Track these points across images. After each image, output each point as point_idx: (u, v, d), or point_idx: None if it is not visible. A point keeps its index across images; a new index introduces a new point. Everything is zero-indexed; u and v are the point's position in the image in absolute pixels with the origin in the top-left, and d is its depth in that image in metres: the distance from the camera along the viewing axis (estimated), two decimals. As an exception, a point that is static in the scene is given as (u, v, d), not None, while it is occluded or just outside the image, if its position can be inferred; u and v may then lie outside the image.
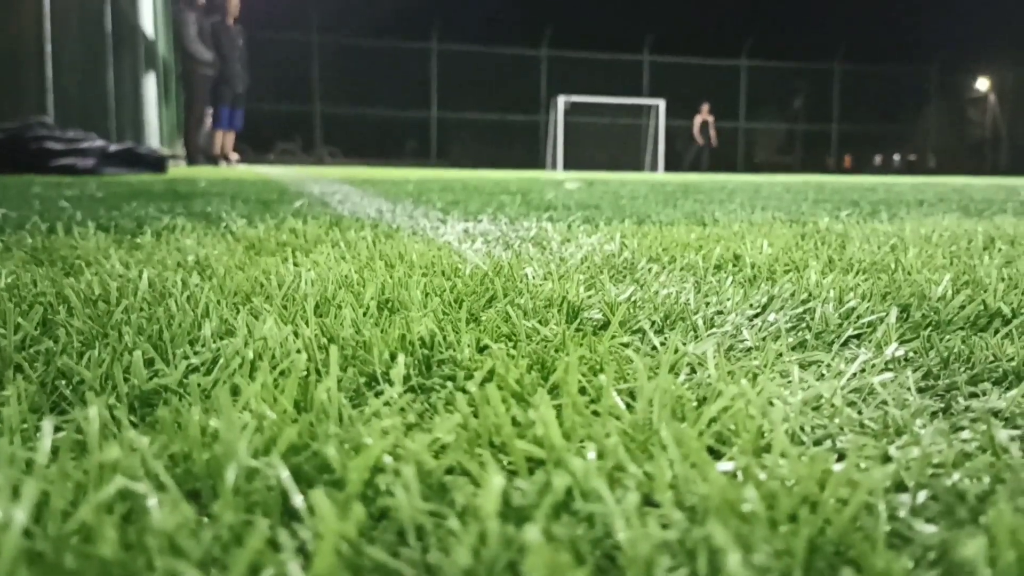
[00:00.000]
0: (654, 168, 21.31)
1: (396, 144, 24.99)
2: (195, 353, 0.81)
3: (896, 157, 29.17)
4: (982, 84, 27.96)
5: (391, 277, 1.25)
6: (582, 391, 0.70)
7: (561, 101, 20.88)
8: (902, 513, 0.49)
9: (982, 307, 1.09)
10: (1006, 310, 1.08)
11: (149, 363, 0.78)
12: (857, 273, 1.42)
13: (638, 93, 24.31)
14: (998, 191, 6.14)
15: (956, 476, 0.53)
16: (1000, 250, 1.81)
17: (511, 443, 0.54)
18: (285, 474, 0.49)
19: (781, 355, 0.87)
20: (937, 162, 27.65)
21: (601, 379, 0.69)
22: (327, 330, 0.90)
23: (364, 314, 0.99)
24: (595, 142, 22.94)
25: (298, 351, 0.79)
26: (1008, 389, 0.75)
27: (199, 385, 0.70)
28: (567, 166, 20.21)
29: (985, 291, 1.19)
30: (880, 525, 0.47)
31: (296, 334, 0.86)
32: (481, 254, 1.65)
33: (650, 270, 1.45)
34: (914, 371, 0.80)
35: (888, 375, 0.77)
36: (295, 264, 1.42)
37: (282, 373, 0.72)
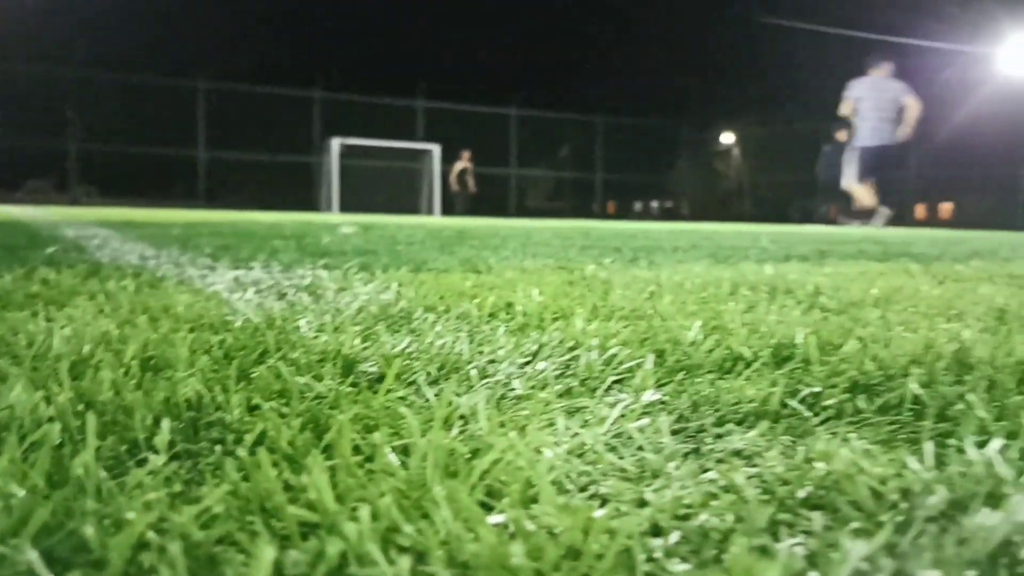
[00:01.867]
0: (430, 212, 21.58)
1: (161, 184, 23.77)
2: (-72, 425, 0.74)
3: (654, 204, 31.30)
4: (727, 139, 30.60)
5: (155, 332, 1.20)
6: (356, 450, 0.71)
7: (335, 143, 20.75)
8: (657, 555, 0.53)
9: (728, 351, 1.19)
10: (748, 354, 1.18)
11: None
12: (619, 320, 1.51)
13: (413, 137, 24.57)
14: (743, 238, 6.71)
15: (704, 517, 0.58)
16: (744, 296, 1.98)
17: (283, 509, 0.54)
18: (34, 556, 0.46)
19: (549, 404, 0.91)
20: (690, 210, 29.87)
21: (376, 436, 0.70)
22: (84, 394, 0.85)
23: (125, 375, 0.94)
24: (371, 185, 22.90)
25: (51, 419, 0.74)
26: (749, 429, 0.82)
27: (-67, 462, 0.64)
28: (343, 209, 20.05)
29: (730, 335, 1.30)
30: (638, 569, 0.50)
31: (48, 400, 0.80)
32: (253, 305, 1.61)
33: (426, 319, 1.47)
34: (668, 414, 0.87)
35: (645, 420, 0.83)
36: (47, 319, 1.32)
37: (33, 445, 0.67)
